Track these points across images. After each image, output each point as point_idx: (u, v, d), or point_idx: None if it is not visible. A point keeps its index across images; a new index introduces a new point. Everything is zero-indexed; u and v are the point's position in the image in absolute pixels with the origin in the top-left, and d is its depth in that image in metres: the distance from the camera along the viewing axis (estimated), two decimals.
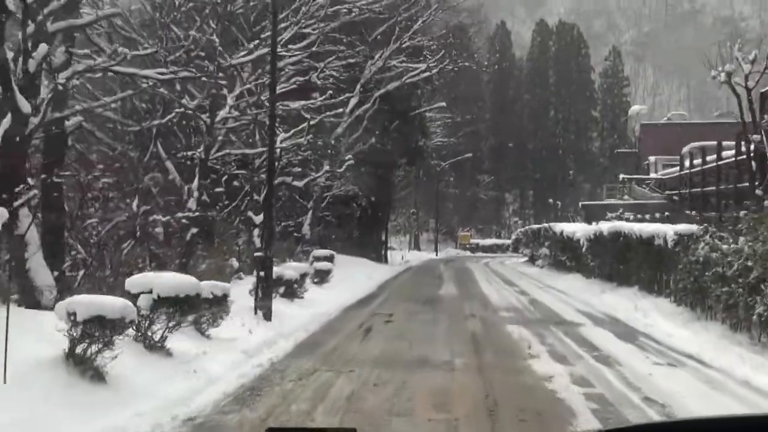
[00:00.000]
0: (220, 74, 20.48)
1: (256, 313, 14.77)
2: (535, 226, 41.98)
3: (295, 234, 35.36)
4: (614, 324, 15.51)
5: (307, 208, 35.95)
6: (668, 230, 16.30)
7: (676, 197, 41.20)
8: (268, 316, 14.63)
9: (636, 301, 17.96)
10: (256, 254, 14.66)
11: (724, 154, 31.76)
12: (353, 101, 34.52)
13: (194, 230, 20.84)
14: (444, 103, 46.31)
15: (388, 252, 46.15)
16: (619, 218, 33.96)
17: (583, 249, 26.08)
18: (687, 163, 39.91)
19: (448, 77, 48.61)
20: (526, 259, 43.47)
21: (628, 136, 76.64)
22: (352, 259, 34.08)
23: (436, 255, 59.49)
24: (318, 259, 24.34)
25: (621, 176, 50.07)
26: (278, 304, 16.12)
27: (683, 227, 15.35)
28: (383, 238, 45.97)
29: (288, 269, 18.70)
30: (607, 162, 77.51)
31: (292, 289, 18.07)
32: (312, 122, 25.13)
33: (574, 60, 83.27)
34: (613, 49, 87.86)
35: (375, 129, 36.42)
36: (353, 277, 25.19)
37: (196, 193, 21.32)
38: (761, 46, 24.31)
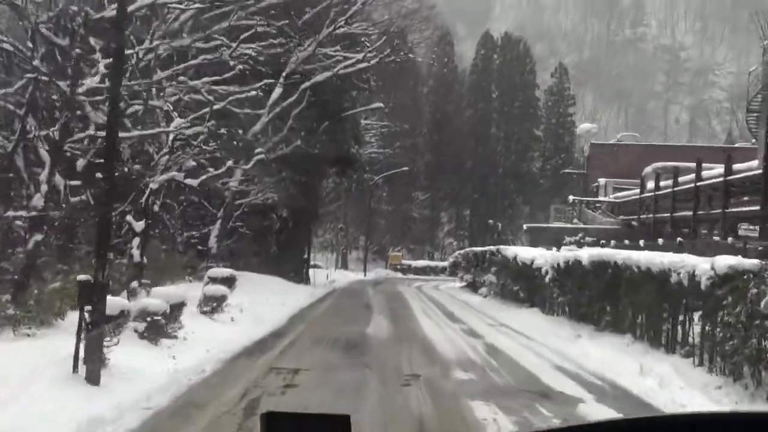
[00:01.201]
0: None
1: (75, 370, 9.31)
2: (479, 249, 37.04)
3: (200, 247, 29.74)
4: (623, 399, 10.51)
5: (216, 216, 30.39)
6: (698, 263, 11.41)
7: (635, 222, 36.89)
8: (94, 378, 9.17)
9: (637, 358, 13.01)
10: (79, 278, 9.16)
11: (705, 174, 27.38)
12: (276, 92, 29.14)
13: (39, 236, 15.35)
14: (381, 104, 41.27)
15: (312, 270, 40.79)
16: (579, 243, 29.40)
17: (546, 279, 21.23)
18: (650, 185, 35.60)
19: (387, 78, 43.71)
20: (464, 284, 38.49)
21: (575, 157, 72.77)
22: (266, 279, 28.63)
23: (365, 276, 54.33)
24: (213, 280, 18.77)
25: (571, 198, 45.70)
26: (129, 351, 10.71)
27: (730, 260, 10.45)
28: (306, 255, 40.55)
29: (156, 297, 13.31)
30: (549, 183, 73.50)
31: (158, 327, 12.62)
32: (215, 107, 19.81)
33: (519, 75, 79.09)
34: (559, 66, 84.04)
35: (301, 129, 31.11)
36: (261, 304, 19.81)
37: (44, 187, 15.73)
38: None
